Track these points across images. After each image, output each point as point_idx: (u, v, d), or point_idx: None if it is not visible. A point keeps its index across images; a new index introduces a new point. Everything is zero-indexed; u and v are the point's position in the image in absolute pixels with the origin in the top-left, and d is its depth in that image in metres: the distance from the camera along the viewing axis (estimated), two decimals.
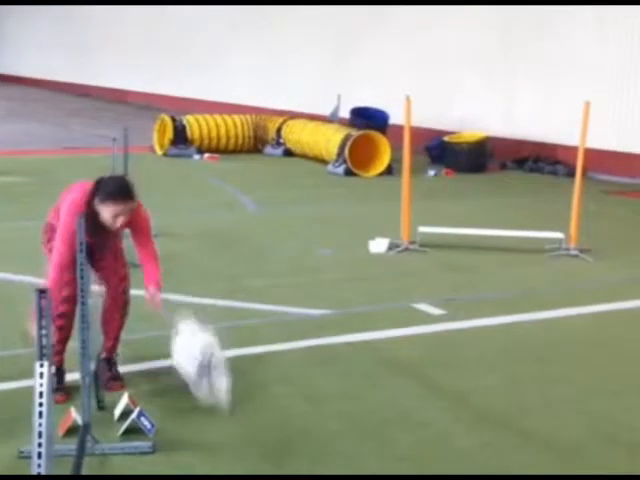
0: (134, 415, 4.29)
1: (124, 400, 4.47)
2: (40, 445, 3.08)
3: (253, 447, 4.26)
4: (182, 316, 4.64)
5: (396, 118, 12.56)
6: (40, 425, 3.08)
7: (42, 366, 3.14)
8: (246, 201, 10.77)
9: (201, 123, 15.07)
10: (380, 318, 6.27)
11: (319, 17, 18.54)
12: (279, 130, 15.10)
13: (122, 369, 5.12)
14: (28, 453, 3.57)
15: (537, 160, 13.77)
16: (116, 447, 4.15)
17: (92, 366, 4.33)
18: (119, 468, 4.02)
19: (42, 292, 3.22)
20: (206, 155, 14.56)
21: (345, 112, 14.89)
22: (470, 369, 5.35)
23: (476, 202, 11.20)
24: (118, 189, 4.56)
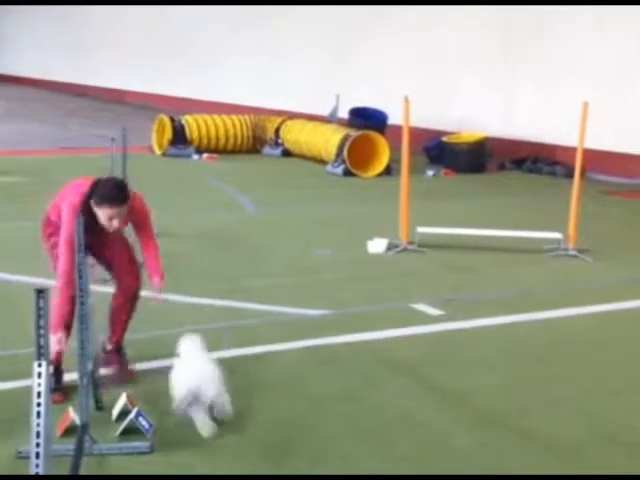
0: (132, 415, 4.28)
1: (122, 400, 4.46)
2: (38, 445, 3.07)
3: (252, 447, 4.25)
4: (187, 340, 4.66)
5: (395, 118, 12.55)
6: (38, 425, 3.08)
7: (40, 366, 3.13)
8: (245, 201, 10.76)
9: (200, 123, 15.05)
10: (379, 318, 6.27)
11: (318, 17, 18.53)
12: (278, 130, 15.08)
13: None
14: (26, 453, 3.56)
15: (536, 160, 13.76)
16: (114, 447, 4.14)
17: (90, 366, 4.32)
18: (117, 468, 4.01)
19: (40, 292, 3.21)
20: (205, 155, 14.55)
21: (344, 112, 14.88)
22: (469, 369, 5.35)
23: (475, 202, 11.19)
24: (112, 193, 4.64)
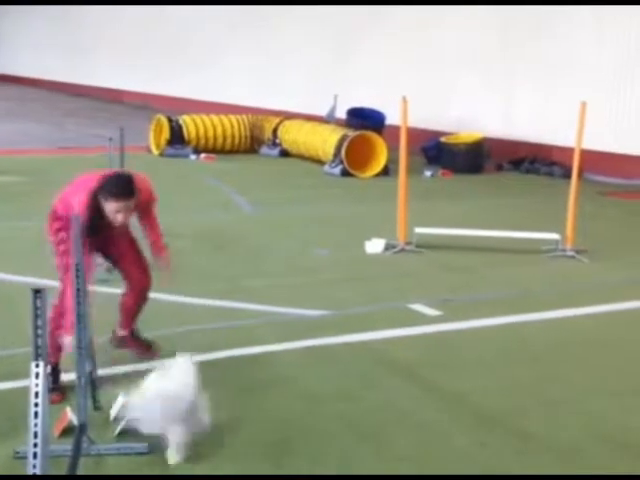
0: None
1: (120, 400, 4.46)
2: (36, 445, 3.07)
3: (252, 447, 4.25)
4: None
5: (393, 119, 12.54)
6: (36, 425, 3.07)
7: (38, 366, 3.13)
8: (242, 201, 10.76)
9: (197, 123, 15.05)
10: (377, 319, 6.26)
11: (316, 17, 18.52)
12: (275, 130, 15.08)
13: (121, 369, 5.11)
14: (24, 453, 3.55)
15: (533, 161, 13.76)
16: (112, 447, 4.13)
17: (88, 366, 4.31)
18: (115, 469, 4.01)
19: (38, 292, 3.21)
20: (202, 155, 14.54)
21: (342, 112, 14.87)
22: (468, 370, 5.35)
23: (473, 203, 11.19)
24: (119, 187, 4.72)
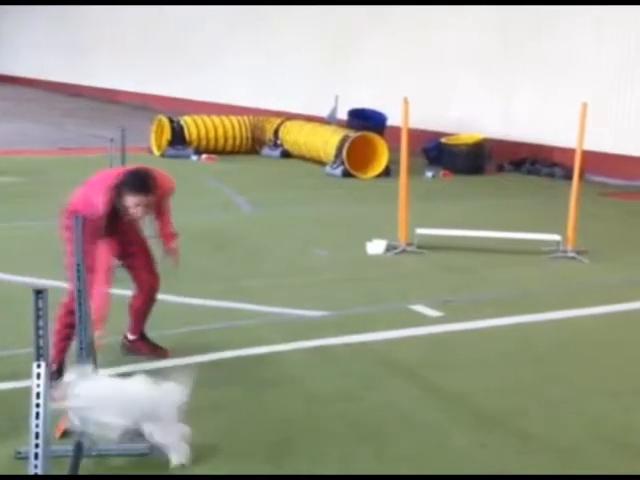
0: None
1: None
2: (37, 446, 3.07)
3: (252, 447, 4.25)
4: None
5: (394, 119, 12.54)
6: (37, 426, 3.07)
7: (39, 367, 3.13)
8: (244, 202, 10.76)
9: (199, 124, 15.05)
10: (378, 319, 6.26)
11: (316, 17, 18.52)
12: (277, 131, 15.08)
13: (121, 369, 5.11)
14: (25, 454, 3.55)
15: (534, 162, 13.76)
16: (113, 448, 4.13)
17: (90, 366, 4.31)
18: (116, 469, 4.01)
19: (39, 292, 3.21)
20: (204, 156, 14.54)
21: (343, 113, 14.87)
22: (468, 370, 5.35)
23: (473, 204, 11.19)
24: (140, 182, 4.84)
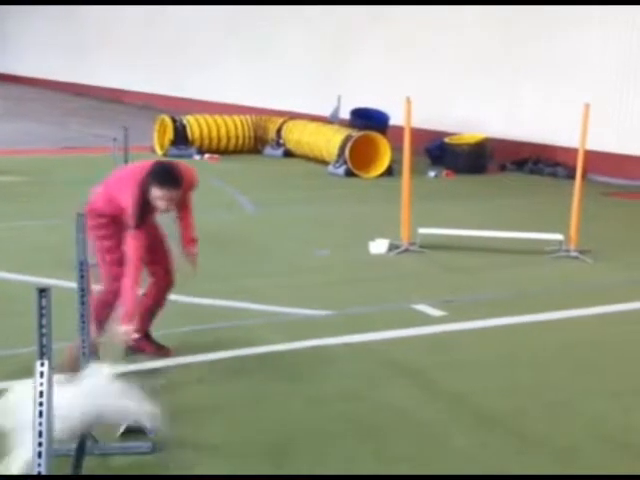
0: None
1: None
2: (40, 445, 3.08)
3: (253, 447, 4.26)
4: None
5: (396, 119, 12.55)
6: (40, 425, 3.08)
7: (42, 365, 3.14)
8: (246, 202, 10.77)
9: (201, 123, 15.06)
10: (379, 319, 6.27)
11: (318, 17, 18.52)
12: (279, 131, 15.09)
13: (122, 369, 5.12)
14: None
15: (537, 162, 13.76)
16: (116, 447, 4.15)
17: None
18: (119, 468, 4.02)
19: (42, 291, 3.22)
20: (206, 155, 14.56)
21: (345, 113, 14.88)
22: (470, 370, 5.35)
23: (476, 203, 11.19)
24: (167, 176, 4.88)
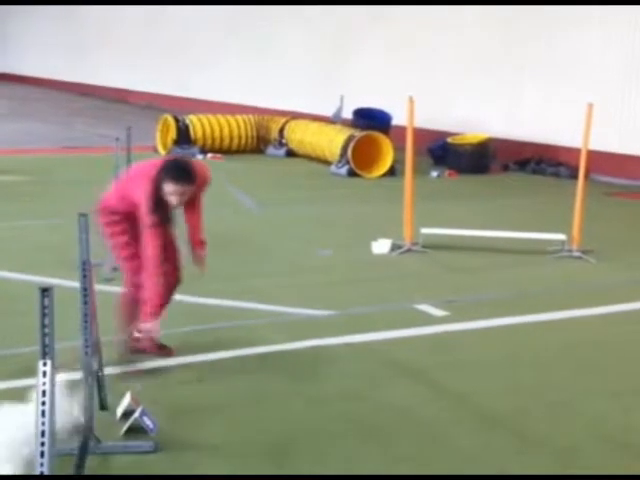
0: (136, 414, 4.29)
1: (126, 399, 4.48)
2: (43, 444, 3.08)
3: (254, 447, 4.26)
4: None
5: (399, 119, 12.55)
6: (43, 424, 3.08)
7: (45, 365, 3.14)
8: (248, 201, 10.77)
9: (204, 123, 15.07)
10: (382, 319, 6.27)
11: (318, 17, 18.53)
12: (282, 130, 15.10)
13: (124, 368, 5.13)
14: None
15: (539, 162, 13.76)
16: (118, 446, 4.15)
17: (95, 365, 4.33)
18: (121, 467, 4.02)
19: (45, 291, 3.22)
20: (209, 155, 14.56)
21: (348, 113, 14.88)
22: (471, 370, 5.35)
23: (479, 203, 11.19)
24: (180, 172, 4.86)
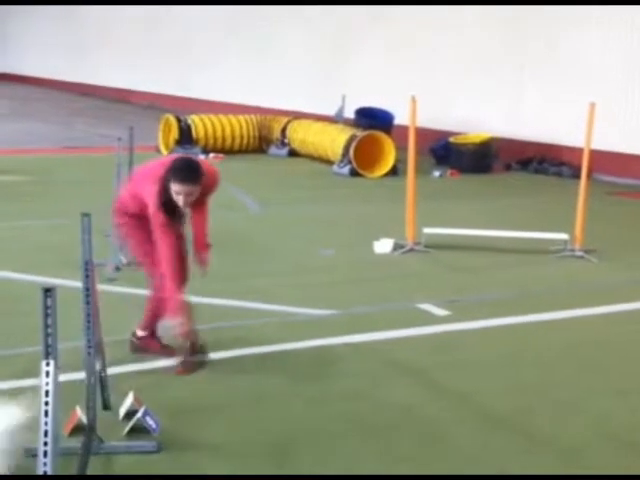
0: (139, 414, 4.30)
1: (129, 399, 4.48)
2: (46, 444, 3.09)
3: (256, 447, 4.26)
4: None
5: (401, 118, 12.55)
6: (46, 424, 3.09)
7: (48, 365, 3.15)
8: (250, 201, 10.78)
9: (206, 123, 15.08)
10: (384, 319, 6.27)
11: (320, 17, 18.53)
12: (284, 130, 15.11)
13: (127, 368, 5.14)
14: (34, 451, 3.56)
15: (542, 161, 13.75)
16: (121, 446, 4.16)
17: (97, 365, 4.33)
18: (124, 467, 4.03)
19: (48, 291, 3.23)
20: (211, 155, 14.56)
21: (350, 112, 14.88)
22: (474, 370, 5.35)
23: (481, 203, 11.19)
24: (186, 172, 4.85)
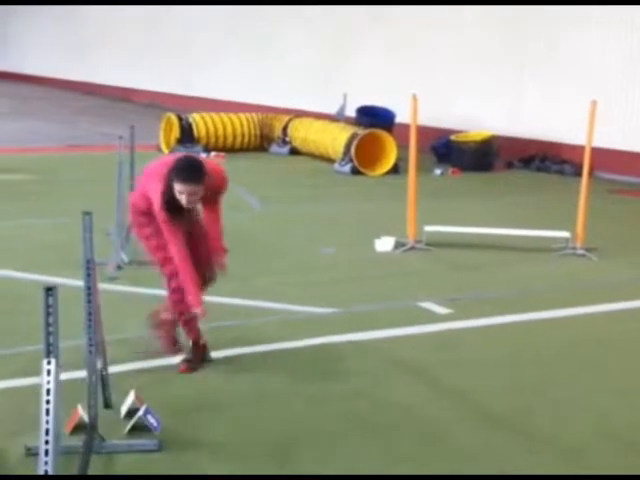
0: (140, 413, 4.30)
1: (130, 398, 4.49)
2: (47, 442, 3.09)
3: (257, 446, 4.26)
4: None
5: (402, 117, 12.55)
6: (47, 422, 3.10)
7: (49, 364, 3.15)
8: (252, 200, 10.78)
9: (207, 121, 15.08)
10: (385, 317, 6.27)
11: (320, 17, 18.53)
12: (285, 129, 15.11)
13: (128, 367, 5.14)
14: (35, 450, 3.57)
15: (544, 159, 13.75)
16: (122, 445, 4.16)
17: (99, 364, 4.34)
18: (125, 466, 4.03)
19: (49, 290, 3.23)
20: (212, 154, 14.56)
21: (351, 111, 14.88)
22: (475, 368, 5.35)
23: (482, 201, 11.19)
24: (187, 171, 4.83)
